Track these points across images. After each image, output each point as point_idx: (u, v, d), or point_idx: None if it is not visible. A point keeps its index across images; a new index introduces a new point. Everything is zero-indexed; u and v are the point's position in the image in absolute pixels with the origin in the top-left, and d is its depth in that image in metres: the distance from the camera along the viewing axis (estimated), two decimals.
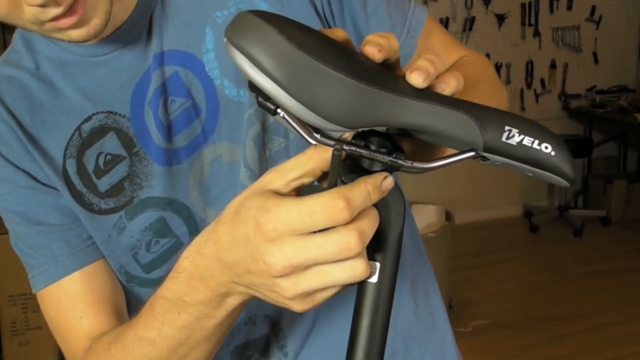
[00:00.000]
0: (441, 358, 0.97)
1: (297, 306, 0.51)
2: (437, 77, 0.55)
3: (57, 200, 0.79)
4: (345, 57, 0.52)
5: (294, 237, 0.49)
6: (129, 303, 0.86)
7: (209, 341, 0.63)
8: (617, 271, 4.21)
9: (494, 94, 0.85)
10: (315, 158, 0.52)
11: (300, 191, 0.53)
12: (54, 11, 0.63)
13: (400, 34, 0.81)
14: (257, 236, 0.50)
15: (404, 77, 0.54)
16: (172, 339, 0.62)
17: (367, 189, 0.50)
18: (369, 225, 0.50)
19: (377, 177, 0.51)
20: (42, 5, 0.61)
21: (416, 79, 0.52)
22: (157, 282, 0.80)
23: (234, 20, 0.51)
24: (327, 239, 0.48)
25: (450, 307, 3.61)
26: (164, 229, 0.79)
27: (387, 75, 0.53)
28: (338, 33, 0.57)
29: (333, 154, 0.52)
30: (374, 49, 0.54)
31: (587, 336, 3.46)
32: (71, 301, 0.81)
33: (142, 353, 0.65)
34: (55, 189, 0.78)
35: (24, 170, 0.78)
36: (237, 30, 0.50)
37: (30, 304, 2.81)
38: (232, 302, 0.58)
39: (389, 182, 0.52)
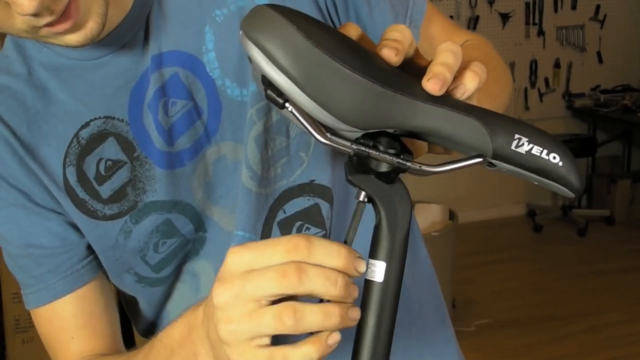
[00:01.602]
0: (441, 356, 0.96)
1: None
2: (456, 79, 0.55)
3: (49, 223, 0.78)
4: (361, 57, 0.52)
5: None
6: (138, 303, 0.86)
7: None
8: (621, 271, 4.20)
9: (500, 76, 0.85)
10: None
11: None
12: (48, 18, 0.61)
13: (403, 24, 0.81)
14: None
15: (421, 69, 0.53)
16: None
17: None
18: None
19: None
20: (35, 15, 0.60)
21: (432, 88, 0.52)
22: (167, 280, 0.81)
23: (251, 13, 0.51)
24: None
25: (453, 306, 3.61)
26: (170, 230, 0.78)
27: (401, 76, 0.54)
28: (352, 30, 0.57)
29: (357, 206, 0.54)
30: (391, 52, 0.53)
31: (591, 336, 3.45)
32: (62, 322, 0.81)
33: None
34: (49, 209, 0.77)
35: (17, 188, 0.76)
36: (253, 24, 0.50)
37: None
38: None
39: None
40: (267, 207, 0.79)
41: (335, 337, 0.51)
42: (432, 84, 0.52)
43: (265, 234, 0.80)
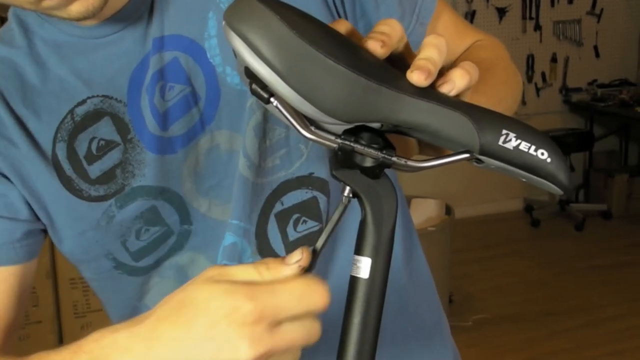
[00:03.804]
0: (437, 354, 0.96)
1: None
2: (445, 75, 0.54)
3: (7, 192, 0.74)
4: (347, 49, 0.51)
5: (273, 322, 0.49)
6: (113, 291, 0.83)
7: None
8: (618, 265, 4.20)
9: (509, 78, 0.84)
10: (266, 277, 0.51)
11: None
12: None
13: (410, 21, 0.80)
14: (231, 324, 0.48)
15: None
16: None
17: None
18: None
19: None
20: None
21: (417, 79, 0.52)
22: (146, 271, 0.80)
23: (234, 3, 0.50)
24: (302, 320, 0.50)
25: (450, 301, 3.61)
26: (155, 218, 0.77)
27: (388, 70, 0.53)
28: (341, 26, 0.56)
29: (341, 202, 0.53)
30: (377, 44, 0.53)
31: (588, 330, 3.46)
32: None
33: None
34: (8, 180, 0.74)
35: None
36: (236, 14, 0.49)
37: (30, 299, 2.80)
38: None
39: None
40: (263, 197, 0.79)
41: None
42: (416, 75, 0.52)
43: (262, 225, 0.80)
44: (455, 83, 0.54)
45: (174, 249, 0.80)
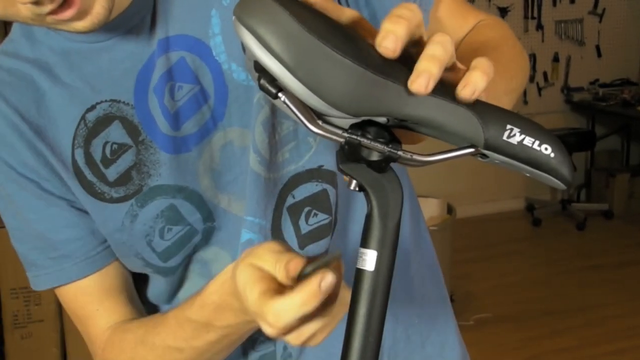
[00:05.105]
0: (442, 346, 0.97)
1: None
2: (465, 78, 0.53)
3: (63, 212, 0.79)
4: (354, 44, 0.52)
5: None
6: (147, 286, 0.87)
7: (232, 346, 0.75)
8: (620, 265, 4.21)
9: (517, 57, 0.84)
10: (279, 276, 0.57)
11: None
12: (49, 6, 0.61)
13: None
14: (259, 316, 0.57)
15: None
16: (200, 348, 0.73)
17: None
18: None
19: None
20: (35, 3, 0.60)
21: (417, 89, 0.50)
22: (175, 270, 0.82)
23: None
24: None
25: (451, 300, 3.58)
26: (175, 216, 0.78)
27: (395, 64, 0.53)
28: (347, 12, 0.57)
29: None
30: (389, 49, 0.51)
31: (589, 330, 3.46)
32: (87, 297, 0.82)
33: (171, 357, 0.76)
34: (58, 197, 0.78)
35: (26, 177, 0.77)
36: (246, 9, 0.50)
37: (32, 297, 2.83)
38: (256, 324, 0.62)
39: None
40: (276, 192, 0.80)
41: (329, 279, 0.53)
42: (416, 86, 0.50)
43: (276, 220, 0.80)
44: (477, 85, 0.53)
45: (199, 245, 0.81)
